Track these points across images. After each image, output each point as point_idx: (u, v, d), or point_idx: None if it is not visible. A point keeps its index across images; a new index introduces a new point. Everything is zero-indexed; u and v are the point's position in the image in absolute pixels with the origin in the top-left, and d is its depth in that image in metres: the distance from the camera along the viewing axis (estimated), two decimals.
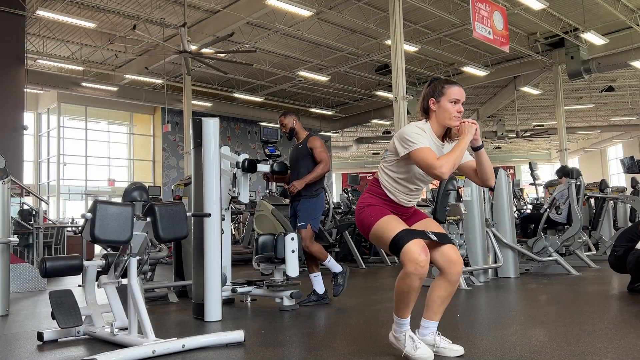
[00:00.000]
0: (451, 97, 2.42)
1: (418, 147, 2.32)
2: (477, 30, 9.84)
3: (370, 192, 2.56)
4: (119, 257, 3.05)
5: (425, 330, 2.50)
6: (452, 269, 2.42)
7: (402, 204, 2.52)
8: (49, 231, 10.12)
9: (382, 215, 2.44)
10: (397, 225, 2.39)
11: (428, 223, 2.55)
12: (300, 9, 11.46)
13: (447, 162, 2.30)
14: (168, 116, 18.53)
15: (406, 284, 2.33)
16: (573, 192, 6.17)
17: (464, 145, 2.38)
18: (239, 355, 2.68)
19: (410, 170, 2.45)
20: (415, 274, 2.28)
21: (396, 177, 2.49)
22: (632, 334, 2.78)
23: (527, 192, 12.24)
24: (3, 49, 11.93)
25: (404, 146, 2.37)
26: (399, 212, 2.53)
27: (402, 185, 2.49)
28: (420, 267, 2.26)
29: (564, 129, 16.96)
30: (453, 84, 2.46)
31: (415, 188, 2.53)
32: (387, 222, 2.41)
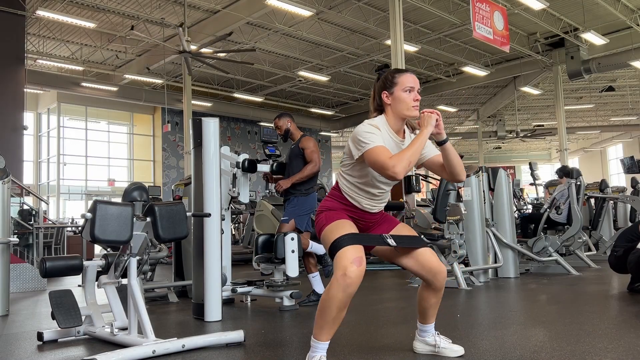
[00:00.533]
0: (404, 85, 2.23)
1: (370, 147, 2.11)
2: (477, 30, 9.84)
3: (332, 196, 2.38)
4: (119, 257, 3.05)
5: (424, 333, 2.45)
6: (437, 278, 2.26)
7: (366, 209, 2.33)
8: (49, 231, 10.12)
9: (336, 219, 2.26)
10: (344, 229, 2.19)
11: (400, 229, 2.36)
12: (300, 9, 11.46)
13: (401, 160, 2.07)
14: (168, 116, 18.53)
15: (329, 295, 2.07)
16: (573, 192, 6.17)
17: (422, 139, 2.16)
18: (239, 355, 2.68)
19: (369, 173, 2.25)
20: (340, 284, 2.02)
21: (355, 182, 2.29)
22: (632, 334, 2.78)
23: (527, 192, 12.24)
24: (3, 49, 11.93)
25: (358, 148, 2.16)
26: (363, 218, 2.34)
27: (364, 190, 2.30)
28: (347, 277, 2.02)
29: (564, 129, 16.97)
30: (404, 71, 2.28)
31: (379, 192, 2.33)
32: (336, 225, 2.22)
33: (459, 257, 5.07)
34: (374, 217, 2.37)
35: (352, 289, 2.04)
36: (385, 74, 2.31)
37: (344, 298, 2.05)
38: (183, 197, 5.17)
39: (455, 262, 5.01)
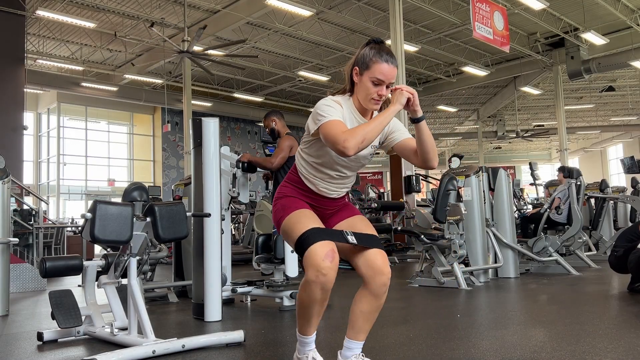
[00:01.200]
0: (374, 75, 1.98)
1: (327, 120, 1.92)
2: (477, 30, 9.84)
3: (288, 180, 2.19)
4: (118, 257, 3.05)
5: (348, 352, 2.10)
6: (376, 279, 2.02)
7: (324, 194, 2.13)
8: (49, 231, 10.12)
9: (296, 208, 2.08)
10: (308, 222, 2.01)
11: (356, 222, 2.17)
12: (300, 9, 11.46)
13: (354, 135, 1.86)
14: (168, 116, 18.53)
15: (306, 294, 1.95)
16: (573, 192, 6.17)
17: (386, 116, 1.93)
18: (239, 355, 2.68)
19: (327, 152, 2.05)
20: (316, 283, 1.90)
21: (312, 162, 2.10)
22: (633, 334, 2.77)
23: (527, 192, 12.24)
24: (3, 49, 11.92)
25: (315, 122, 1.97)
26: (322, 205, 2.16)
27: (320, 172, 2.10)
28: (321, 274, 1.88)
29: (564, 129, 16.98)
30: (385, 60, 1.98)
31: (338, 175, 2.12)
32: (297, 217, 2.04)
33: (459, 257, 5.06)
34: (334, 204, 2.18)
35: (329, 285, 1.92)
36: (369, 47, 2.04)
37: (323, 295, 1.94)
38: (183, 197, 5.17)
39: (455, 262, 5.01)
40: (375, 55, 1.99)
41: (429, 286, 5.12)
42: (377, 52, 2.00)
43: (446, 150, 30.33)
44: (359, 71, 2.03)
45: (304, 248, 1.93)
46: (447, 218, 5.13)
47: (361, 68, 2.02)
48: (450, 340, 2.78)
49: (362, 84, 2.02)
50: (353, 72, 2.05)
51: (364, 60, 2.01)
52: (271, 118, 4.48)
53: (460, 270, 4.99)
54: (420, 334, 2.97)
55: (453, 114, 24.19)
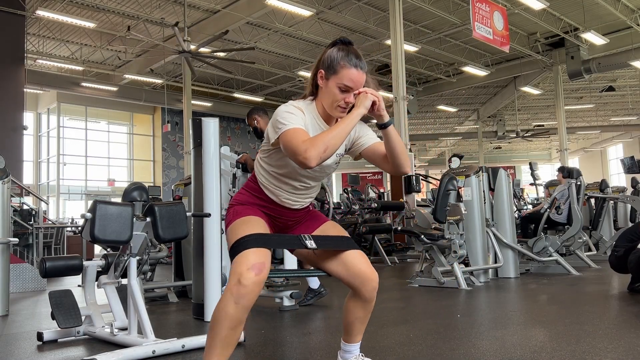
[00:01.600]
0: (342, 81, 1.81)
1: (287, 129, 1.74)
2: (477, 30, 9.84)
3: (247, 188, 2.02)
4: (118, 257, 3.05)
5: (347, 354, 2.05)
6: (366, 286, 1.90)
7: (286, 205, 1.97)
8: (49, 231, 10.12)
9: (246, 214, 1.92)
10: (251, 228, 1.83)
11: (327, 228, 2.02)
12: (300, 8, 11.46)
13: (315, 144, 1.68)
14: (168, 116, 18.53)
15: (218, 307, 1.70)
16: (573, 192, 6.17)
17: (349, 122, 1.76)
18: (239, 355, 2.68)
19: (289, 162, 1.87)
20: (232, 295, 1.65)
21: (274, 172, 1.93)
22: (633, 334, 2.77)
23: (528, 192, 12.24)
24: (3, 49, 11.93)
25: (275, 130, 1.79)
26: (283, 215, 1.99)
27: (283, 182, 1.94)
28: (241, 285, 1.64)
29: (564, 129, 16.98)
30: (354, 65, 1.82)
31: (302, 186, 1.96)
32: (243, 222, 1.88)
33: (459, 257, 5.06)
34: (297, 215, 2.02)
35: (246, 302, 1.66)
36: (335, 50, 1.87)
37: (237, 313, 1.66)
38: (183, 197, 5.17)
39: (455, 262, 5.01)
40: (343, 59, 1.83)
41: (429, 286, 5.12)
42: (346, 55, 1.83)
43: (446, 150, 30.34)
44: (324, 75, 1.86)
45: (236, 253, 1.74)
46: (447, 218, 5.13)
47: (327, 72, 1.85)
48: (450, 340, 2.78)
49: (328, 89, 1.85)
50: (318, 75, 1.88)
51: (331, 64, 1.84)
52: (253, 116, 4.31)
53: (460, 270, 4.99)
54: (420, 334, 2.97)
55: (453, 114, 24.19)
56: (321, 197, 8.40)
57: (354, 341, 2.03)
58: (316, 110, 1.91)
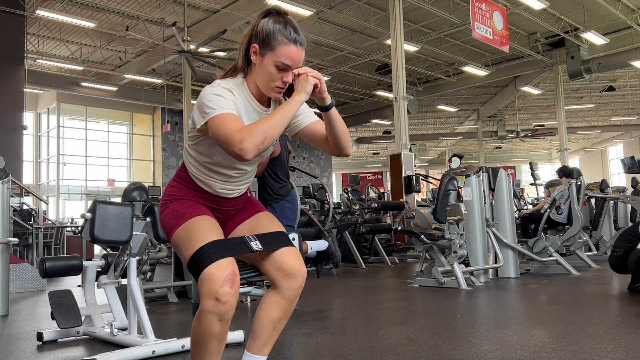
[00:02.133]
0: (279, 59, 1.61)
1: (216, 114, 1.54)
2: (477, 30, 9.84)
3: (178, 179, 1.81)
4: (118, 257, 3.04)
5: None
6: (288, 282, 1.70)
7: (223, 195, 1.80)
8: (49, 231, 10.12)
9: (189, 216, 1.70)
10: (203, 234, 1.64)
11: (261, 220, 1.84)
12: (300, 8, 11.46)
13: (252, 134, 1.49)
14: (168, 116, 18.54)
15: (201, 328, 1.58)
16: (573, 192, 6.17)
17: (290, 108, 1.59)
18: (239, 355, 2.67)
19: (221, 151, 1.68)
20: (213, 314, 1.54)
21: (204, 162, 1.74)
22: (633, 334, 2.77)
23: (528, 192, 12.25)
24: (3, 49, 11.93)
25: (202, 115, 1.58)
26: (221, 206, 1.82)
27: (215, 172, 1.75)
28: (220, 303, 1.53)
29: (565, 129, 16.98)
30: (293, 40, 1.63)
31: (238, 173, 1.78)
32: (192, 226, 1.67)
33: (459, 257, 5.06)
34: (235, 203, 1.85)
35: (229, 315, 1.57)
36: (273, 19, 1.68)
37: (222, 328, 1.58)
38: None
39: (455, 262, 5.01)
40: (280, 34, 1.63)
41: (429, 286, 5.12)
42: (284, 28, 1.65)
43: (446, 150, 30.36)
44: (258, 50, 1.64)
45: (199, 269, 1.57)
46: (447, 218, 5.13)
47: (262, 47, 1.63)
48: (451, 340, 2.77)
49: (263, 67, 1.63)
50: (251, 49, 1.65)
51: (267, 38, 1.62)
52: None
53: (460, 271, 4.99)
54: (420, 334, 2.96)
55: (453, 113, 24.19)
56: (321, 197, 8.42)
57: (261, 352, 1.73)
58: (248, 89, 1.70)
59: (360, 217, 8.15)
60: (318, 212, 8.73)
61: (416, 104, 19.12)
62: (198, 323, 1.60)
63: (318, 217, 8.12)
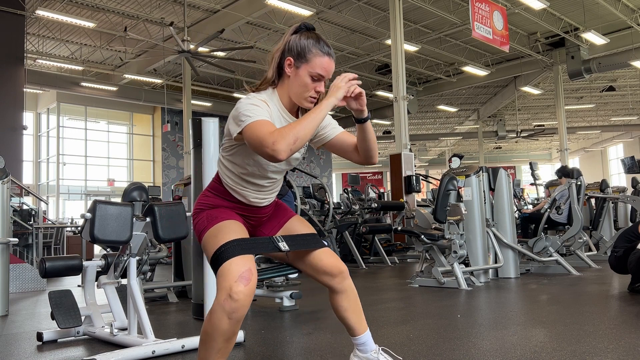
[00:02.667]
0: (315, 70, 1.74)
1: (252, 121, 1.63)
2: (477, 30, 9.84)
3: (212, 189, 1.92)
4: (118, 257, 3.04)
5: (362, 346, 2.00)
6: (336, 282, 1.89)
7: (255, 204, 1.91)
8: (49, 231, 10.13)
9: (219, 220, 1.80)
10: (229, 234, 1.74)
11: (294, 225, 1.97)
12: (300, 8, 11.46)
13: (284, 136, 1.57)
14: (168, 116, 18.54)
15: (210, 323, 1.63)
16: (573, 192, 6.17)
17: (320, 112, 1.67)
18: (239, 355, 2.67)
19: (256, 161, 1.80)
20: (225, 310, 1.58)
21: (239, 173, 1.83)
22: (633, 334, 2.77)
23: (528, 192, 12.25)
24: (3, 49, 11.93)
25: (238, 123, 1.67)
26: (253, 214, 1.93)
27: (249, 183, 1.85)
28: (232, 300, 1.57)
29: (565, 128, 16.98)
30: (326, 53, 1.76)
31: (269, 182, 1.89)
32: (220, 228, 1.77)
33: (460, 257, 5.06)
34: (266, 211, 1.96)
35: (239, 314, 1.60)
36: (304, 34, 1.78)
37: (231, 327, 1.61)
38: (183, 197, 5.16)
39: (455, 262, 5.01)
40: (314, 47, 1.75)
41: (429, 286, 5.12)
42: (317, 43, 1.76)
43: (446, 150, 30.35)
44: (293, 63, 1.76)
45: (218, 264, 1.65)
46: (447, 218, 5.13)
47: (297, 60, 1.75)
48: (450, 340, 2.77)
49: (298, 78, 1.75)
50: (285, 62, 1.77)
51: (302, 52, 1.74)
52: None
53: (460, 271, 4.99)
54: (420, 334, 2.96)
55: (453, 113, 24.19)
56: (321, 197, 8.42)
57: (359, 333, 1.98)
58: (280, 101, 1.80)
59: (360, 217, 8.16)
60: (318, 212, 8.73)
61: (416, 104, 19.11)
62: (209, 318, 1.65)
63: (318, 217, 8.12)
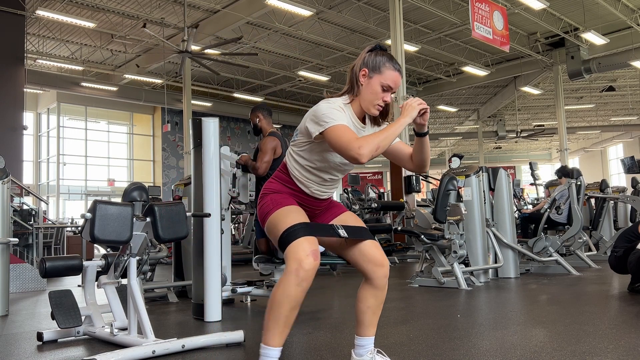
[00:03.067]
0: (386, 80, 2.01)
1: (334, 124, 1.89)
2: (477, 30, 9.84)
3: (278, 178, 2.14)
4: (118, 257, 3.04)
5: (361, 349, 2.13)
6: (377, 273, 2.05)
7: (315, 196, 2.13)
8: (49, 231, 10.12)
9: (284, 204, 2.04)
10: (296, 217, 1.98)
11: (346, 218, 2.18)
12: (300, 8, 11.46)
13: (369, 143, 1.85)
14: (168, 116, 18.54)
15: (280, 289, 1.85)
16: (573, 192, 6.17)
17: (398, 127, 1.92)
18: (239, 355, 2.68)
19: (326, 158, 2.04)
20: (296, 277, 1.82)
21: (307, 165, 2.07)
22: (633, 334, 2.77)
23: (528, 192, 12.24)
24: (3, 49, 11.93)
25: (319, 124, 1.92)
26: (311, 205, 2.14)
27: (314, 175, 2.08)
28: (302, 269, 1.82)
29: (565, 129, 16.98)
30: (395, 67, 2.03)
31: (330, 178, 2.12)
32: (285, 212, 2.01)
33: (459, 257, 5.06)
34: (322, 204, 2.18)
35: (307, 284, 1.84)
36: (379, 52, 2.06)
37: (298, 294, 1.84)
38: (183, 197, 5.17)
39: (455, 262, 5.01)
40: (388, 63, 2.03)
41: (429, 286, 5.12)
42: (390, 60, 2.04)
43: (446, 150, 30.34)
44: (368, 73, 2.03)
45: (288, 241, 1.89)
46: (447, 218, 5.13)
47: (372, 71, 2.02)
48: (450, 340, 2.78)
49: (371, 87, 2.02)
50: (361, 73, 2.03)
51: (376, 65, 2.02)
52: (256, 113, 4.38)
53: (460, 271, 4.99)
54: (420, 334, 2.97)
55: (453, 114, 24.19)
56: None
57: (366, 334, 2.11)
58: (352, 110, 2.06)
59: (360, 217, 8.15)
60: None
61: None
62: (277, 286, 1.87)
63: None
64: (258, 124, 4.39)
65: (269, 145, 4.17)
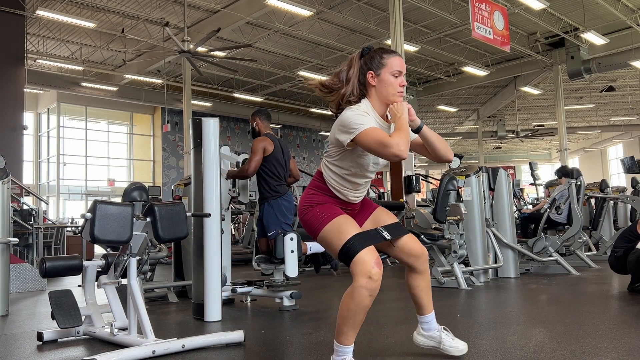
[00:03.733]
0: (393, 69, 2.12)
1: (364, 128, 1.98)
2: (477, 30, 9.84)
3: (316, 188, 2.25)
4: (118, 257, 3.04)
5: (428, 324, 2.38)
6: (419, 262, 2.28)
7: (351, 201, 2.26)
8: (49, 231, 10.12)
9: (333, 215, 2.14)
10: (349, 228, 2.10)
11: (380, 215, 2.32)
12: (300, 8, 11.46)
13: (402, 139, 1.96)
14: (168, 116, 18.53)
15: (355, 301, 2.03)
16: (573, 192, 6.17)
17: (405, 122, 2.06)
18: (239, 355, 2.68)
19: (359, 164, 2.16)
20: (367, 289, 2.00)
21: (343, 174, 2.18)
22: (633, 334, 2.77)
23: (528, 192, 12.24)
24: (3, 49, 11.93)
25: (349, 132, 2.01)
26: (348, 208, 2.27)
27: (350, 182, 2.20)
28: (372, 281, 2.00)
29: (564, 129, 16.98)
30: (392, 53, 2.16)
31: (365, 182, 2.25)
32: (338, 224, 2.11)
33: (459, 257, 5.06)
34: (357, 206, 2.32)
35: (376, 292, 2.04)
36: (370, 53, 2.17)
37: (370, 301, 2.04)
38: (183, 197, 5.17)
39: (455, 262, 5.01)
40: (383, 53, 2.14)
41: None
42: (383, 51, 2.14)
43: None
44: (374, 74, 2.13)
45: (351, 255, 2.03)
46: (447, 218, 5.13)
47: (377, 69, 2.12)
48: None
49: (384, 82, 2.12)
50: (368, 77, 2.13)
51: (377, 62, 2.13)
52: (254, 118, 4.45)
53: (460, 270, 4.99)
54: None
55: (453, 114, 24.19)
56: None
57: (428, 312, 2.36)
58: (373, 108, 2.15)
59: None
60: None
61: (416, 104, 19.11)
62: (351, 298, 2.03)
63: None
64: (256, 128, 4.45)
65: (258, 145, 4.22)
